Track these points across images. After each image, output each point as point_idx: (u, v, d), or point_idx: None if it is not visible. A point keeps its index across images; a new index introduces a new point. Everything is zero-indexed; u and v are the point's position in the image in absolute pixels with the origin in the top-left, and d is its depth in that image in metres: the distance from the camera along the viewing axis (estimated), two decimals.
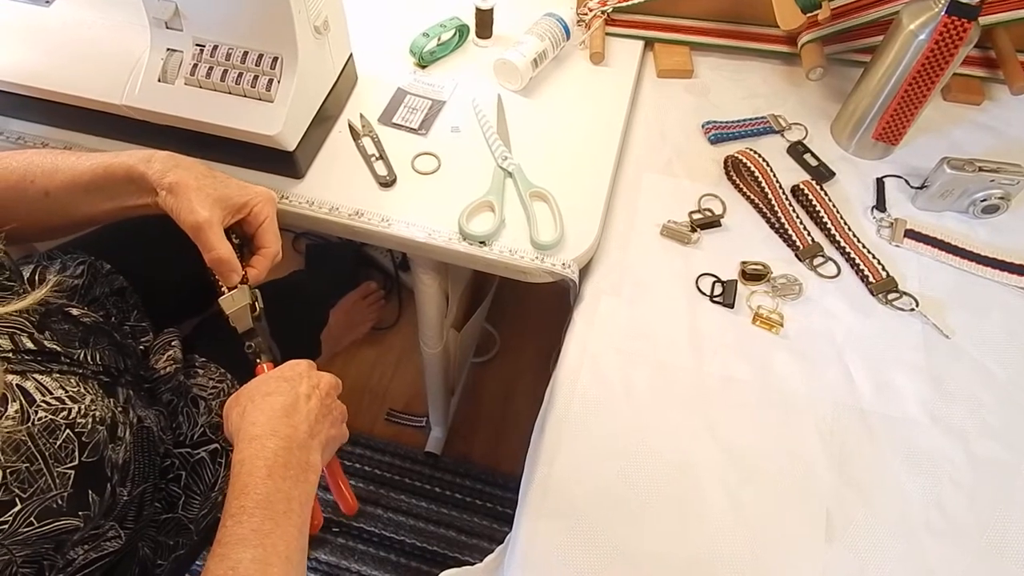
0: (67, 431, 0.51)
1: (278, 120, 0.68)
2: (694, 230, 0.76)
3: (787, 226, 0.76)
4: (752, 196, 0.79)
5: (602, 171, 0.79)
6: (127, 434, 0.58)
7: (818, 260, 0.75)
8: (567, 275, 0.71)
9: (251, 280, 0.63)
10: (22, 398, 0.49)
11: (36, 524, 0.48)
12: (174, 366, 0.75)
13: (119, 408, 0.58)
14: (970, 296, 0.73)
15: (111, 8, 0.72)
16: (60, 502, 0.50)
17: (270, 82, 0.69)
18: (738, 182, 0.80)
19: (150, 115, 0.71)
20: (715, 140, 0.84)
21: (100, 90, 0.70)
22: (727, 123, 0.85)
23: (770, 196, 0.77)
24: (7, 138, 0.78)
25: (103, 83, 0.70)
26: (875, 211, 0.79)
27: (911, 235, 0.76)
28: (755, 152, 0.79)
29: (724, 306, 0.71)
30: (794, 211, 0.77)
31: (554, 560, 0.58)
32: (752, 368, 0.68)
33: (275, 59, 0.68)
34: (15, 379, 0.49)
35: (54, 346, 0.56)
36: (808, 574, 0.58)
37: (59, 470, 0.50)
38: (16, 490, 0.46)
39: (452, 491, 1.32)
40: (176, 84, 0.70)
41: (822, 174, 0.81)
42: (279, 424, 0.55)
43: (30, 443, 0.48)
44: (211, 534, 0.81)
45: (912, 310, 0.71)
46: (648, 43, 0.93)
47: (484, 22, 0.88)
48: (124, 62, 0.70)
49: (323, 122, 0.77)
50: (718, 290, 0.72)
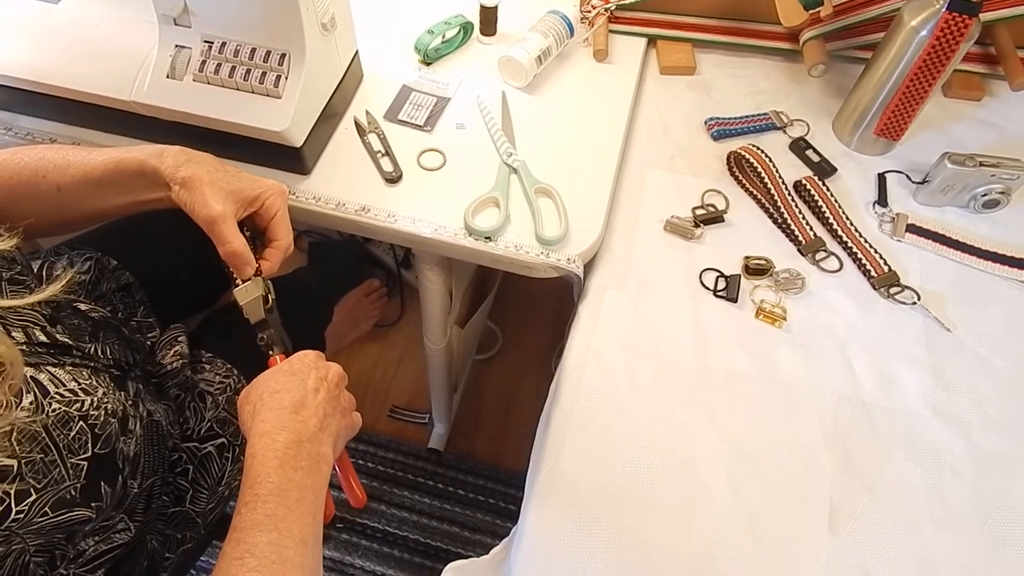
0: (80, 423, 0.51)
1: (286, 116, 0.69)
2: (697, 225, 0.76)
3: (790, 221, 0.76)
4: (755, 191, 0.80)
5: (606, 167, 0.79)
6: (137, 427, 0.58)
7: (820, 255, 0.75)
8: (572, 270, 0.71)
9: (264, 272, 0.64)
10: (36, 390, 0.49)
11: (51, 514, 0.48)
12: (181, 361, 0.75)
13: (129, 401, 0.58)
14: (971, 290, 0.74)
15: (120, 5, 0.73)
16: (73, 493, 0.50)
17: (278, 78, 0.69)
18: (741, 178, 0.81)
19: (159, 111, 0.71)
20: (718, 136, 0.85)
21: (109, 86, 0.71)
22: (730, 119, 0.85)
23: (773, 191, 0.77)
24: (16, 134, 0.78)
25: (112, 79, 0.71)
26: (877, 206, 0.79)
27: (912, 230, 0.77)
28: (758, 148, 0.80)
29: (727, 300, 0.72)
30: (796, 206, 0.77)
31: (560, 552, 0.59)
32: (755, 362, 0.68)
33: (283, 56, 0.69)
34: (29, 371, 0.50)
35: (66, 340, 0.56)
36: (811, 565, 0.58)
37: (73, 461, 0.50)
38: (31, 480, 0.47)
39: (455, 487, 1.33)
40: (184, 80, 0.70)
41: (824, 170, 0.81)
42: (288, 420, 0.56)
43: (44, 434, 0.48)
44: (218, 528, 0.82)
45: (914, 304, 0.72)
46: (651, 40, 0.93)
47: (488, 19, 0.89)
48: (133, 58, 0.71)
49: (330, 118, 0.78)
50: (721, 285, 0.73)
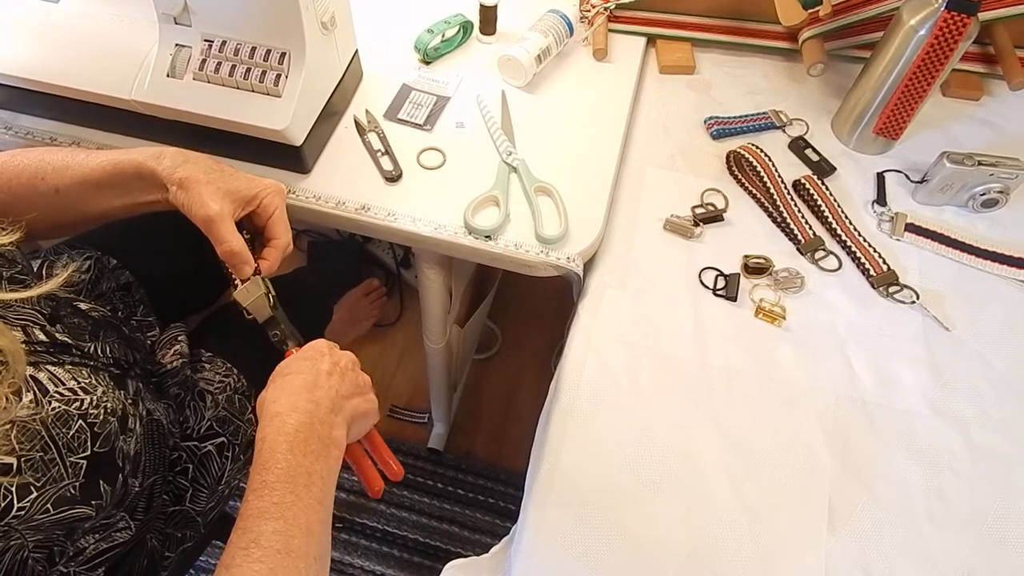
0: (80, 421, 0.51)
1: (286, 115, 0.69)
2: (697, 224, 0.76)
3: (789, 220, 0.76)
4: (754, 191, 0.80)
5: (605, 166, 0.79)
6: (137, 426, 0.58)
7: (820, 254, 0.75)
8: (571, 269, 0.72)
9: (263, 271, 0.64)
10: (35, 388, 0.49)
11: (52, 511, 0.48)
12: (180, 360, 0.75)
13: (129, 400, 0.58)
14: (970, 289, 0.74)
15: (120, 3, 0.73)
16: (73, 491, 0.50)
17: (278, 77, 0.69)
18: (740, 177, 0.81)
19: (159, 110, 0.71)
20: (717, 136, 0.85)
21: (109, 85, 0.71)
22: (729, 119, 0.86)
23: (772, 190, 0.78)
24: (16, 133, 0.78)
25: (112, 78, 0.71)
26: (876, 205, 0.79)
27: (911, 229, 0.77)
28: (757, 147, 0.80)
29: (727, 299, 0.72)
30: (796, 205, 0.77)
31: (560, 549, 0.59)
32: (755, 360, 0.69)
33: (283, 55, 0.69)
34: (29, 370, 0.50)
35: (65, 338, 0.56)
36: (811, 562, 0.58)
37: (72, 459, 0.50)
38: (31, 478, 0.47)
39: (454, 487, 1.33)
40: (185, 79, 0.70)
41: (823, 169, 0.82)
42: (299, 400, 0.55)
43: (44, 432, 0.48)
44: (218, 527, 0.81)
45: (913, 303, 0.72)
46: (650, 39, 0.94)
47: (488, 18, 0.89)
48: (133, 57, 0.71)
49: (329, 117, 0.78)
50: (721, 283, 0.73)
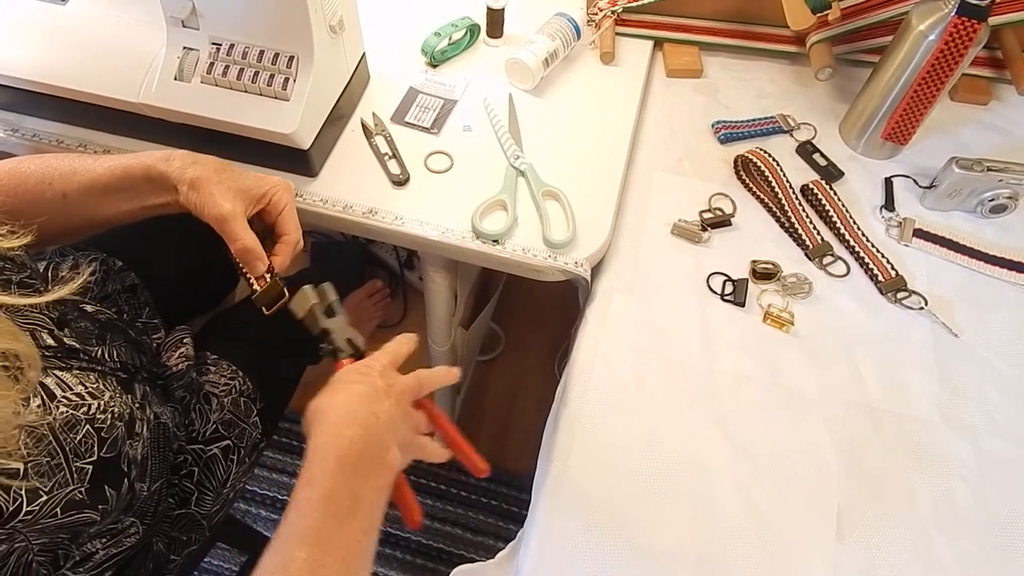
0: (87, 427, 0.51)
1: (293, 118, 0.69)
2: (705, 229, 0.76)
3: (797, 225, 0.76)
4: (762, 195, 0.80)
5: (613, 170, 0.79)
6: (144, 430, 0.58)
7: (828, 259, 0.75)
8: (579, 274, 0.71)
9: (276, 268, 0.63)
10: (43, 394, 0.49)
11: (59, 516, 0.48)
12: (186, 363, 0.75)
13: (136, 405, 0.58)
14: (978, 295, 0.73)
15: (128, 6, 0.73)
16: (80, 495, 0.50)
17: (286, 81, 0.69)
18: (748, 181, 0.81)
19: (166, 113, 0.71)
20: (725, 140, 0.85)
21: (116, 88, 0.71)
22: (736, 123, 0.85)
23: (780, 195, 0.77)
24: (23, 136, 0.78)
25: (119, 81, 0.71)
26: (884, 210, 0.79)
27: (920, 234, 0.77)
28: (765, 152, 0.80)
29: (735, 305, 0.72)
30: (804, 210, 0.77)
31: (567, 556, 0.59)
32: (763, 366, 0.68)
33: (291, 58, 0.69)
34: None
35: (73, 343, 0.56)
36: (819, 570, 0.58)
37: (78, 465, 0.50)
38: (38, 483, 0.47)
39: (458, 489, 1.32)
40: (192, 82, 0.70)
41: (831, 174, 0.81)
42: (359, 410, 0.53)
43: (51, 437, 0.48)
44: (223, 530, 0.81)
45: (921, 309, 0.72)
46: (658, 43, 0.93)
47: (495, 22, 0.89)
48: (141, 60, 0.71)
49: (337, 121, 0.78)
50: (729, 289, 0.73)
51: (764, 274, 0.73)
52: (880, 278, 0.73)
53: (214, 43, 0.70)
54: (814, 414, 0.66)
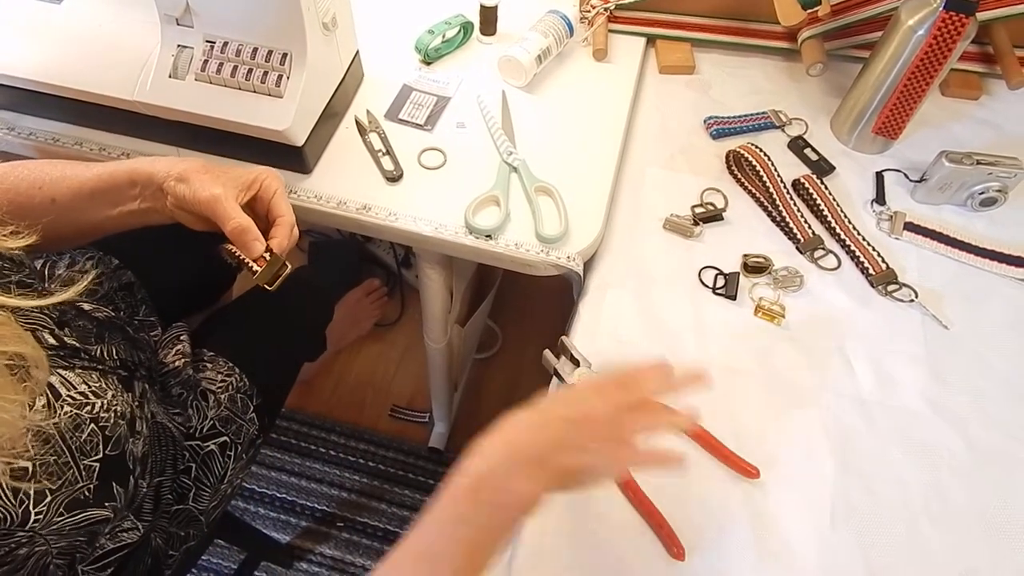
0: (92, 425, 0.52)
1: (287, 115, 0.69)
2: (696, 223, 0.77)
3: (788, 219, 0.77)
4: (753, 190, 0.80)
5: (605, 166, 0.80)
6: (144, 428, 0.59)
7: (819, 252, 0.76)
8: (572, 268, 0.72)
9: (276, 249, 0.61)
10: (48, 393, 0.50)
11: (66, 515, 0.49)
12: (183, 360, 0.75)
13: (136, 403, 0.59)
14: (968, 287, 0.74)
15: (122, 5, 0.73)
16: (87, 494, 0.51)
17: (279, 78, 0.69)
18: (740, 176, 0.81)
19: (161, 111, 0.72)
20: (717, 135, 0.85)
21: (112, 86, 0.71)
22: (728, 118, 0.86)
23: (771, 190, 0.78)
24: (19, 134, 0.79)
25: (115, 79, 0.71)
26: (875, 204, 0.80)
27: (910, 228, 0.77)
28: (757, 147, 0.80)
29: (727, 298, 0.72)
30: (795, 204, 0.78)
31: (562, 549, 0.59)
32: (754, 358, 0.69)
33: (284, 55, 0.69)
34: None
35: (74, 342, 0.57)
36: (813, 560, 0.59)
37: (85, 463, 0.51)
38: (45, 482, 0.47)
39: None
40: (187, 80, 0.71)
41: (822, 168, 0.82)
42: (497, 442, 0.49)
43: (58, 437, 0.49)
44: (220, 526, 0.82)
45: (911, 301, 0.72)
46: (650, 40, 0.94)
47: (488, 19, 0.89)
48: (136, 58, 0.71)
49: (331, 118, 0.78)
50: (720, 282, 0.73)
51: (755, 268, 0.74)
52: (871, 271, 0.74)
53: (208, 41, 0.70)
54: (805, 406, 0.66)
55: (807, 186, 0.79)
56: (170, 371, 0.74)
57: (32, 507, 0.46)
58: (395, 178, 0.77)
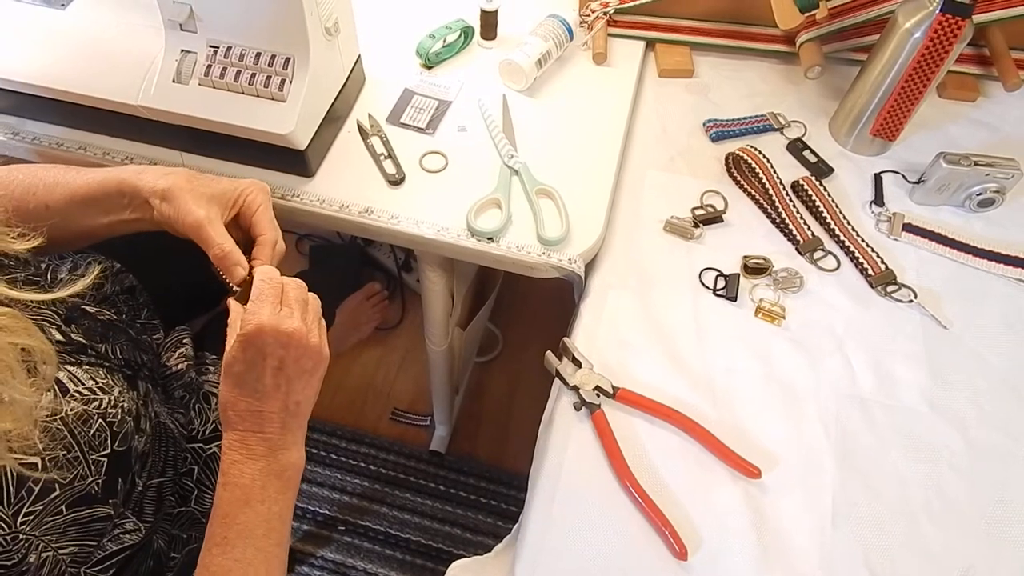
0: (99, 420, 0.52)
1: (290, 119, 0.70)
2: (696, 225, 0.77)
3: (787, 221, 0.77)
4: (753, 192, 0.81)
5: (606, 168, 0.80)
6: (148, 426, 0.59)
7: (818, 254, 0.76)
8: (573, 270, 0.72)
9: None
10: (56, 388, 0.50)
11: (73, 511, 0.49)
12: (185, 363, 0.76)
13: (140, 401, 0.59)
14: (967, 287, 0.74)
15: (126, 10, 0.74)
16: (96, 488, 0.51)
17: (282, 82, 0.70)
18: (739, 178, 0.82)
19: (165, 115, 0.72)
20: (716, 138, 0.86)
21: (115, 91, 0.72)
22: (727, 121, 0.87)
23: (771, 192, 0.78)
24: (23, 139, 0.79)
25: (118, 84, 0.72)
26: (873, 206, 0.80)
27: (909, 229, 0.78)
28: (756, 149, 0.81)
29: (727, 299, 0.73)
30: (794, 206, 0.78)
31: (563, 550, 0.59)
32: (755, 359, 0.69)
33: (287, 60, 0.70)
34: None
35: (80, 339, 0.57)
36: (813, 559, 0.59)
37: (94, 457, 0.51)
38: (56, 476, 0.48)
39: (457, 489, 1.33)
40: (190, 85, 0.71)
41: (821, 170, 0.82)
42: (252, 444, 0.56)
43: (66, 431, 0.49)
44: None
45: (910, 302, 0.73)
46: (649, 43, 0.95)
47: (489, 24, 0.90)
48: (139, 63, 0.72)
49: (333, 122, 0.79)
50: (721, 284, 0.74)
51: (755, 269, 0.74)
52: (870, 272, 0.74)
53: (211, 46, 0.71)
54: (806, 406, 0.67)
55: (806, 188, 0.79)
56: (172, 374, 0.74)
57: (26, 506, 0.46)
58: (397, 181, 0.77)
